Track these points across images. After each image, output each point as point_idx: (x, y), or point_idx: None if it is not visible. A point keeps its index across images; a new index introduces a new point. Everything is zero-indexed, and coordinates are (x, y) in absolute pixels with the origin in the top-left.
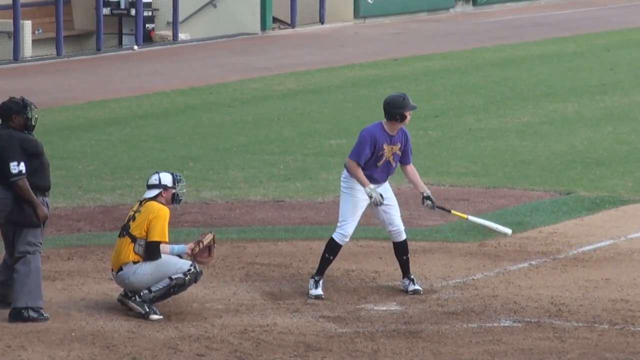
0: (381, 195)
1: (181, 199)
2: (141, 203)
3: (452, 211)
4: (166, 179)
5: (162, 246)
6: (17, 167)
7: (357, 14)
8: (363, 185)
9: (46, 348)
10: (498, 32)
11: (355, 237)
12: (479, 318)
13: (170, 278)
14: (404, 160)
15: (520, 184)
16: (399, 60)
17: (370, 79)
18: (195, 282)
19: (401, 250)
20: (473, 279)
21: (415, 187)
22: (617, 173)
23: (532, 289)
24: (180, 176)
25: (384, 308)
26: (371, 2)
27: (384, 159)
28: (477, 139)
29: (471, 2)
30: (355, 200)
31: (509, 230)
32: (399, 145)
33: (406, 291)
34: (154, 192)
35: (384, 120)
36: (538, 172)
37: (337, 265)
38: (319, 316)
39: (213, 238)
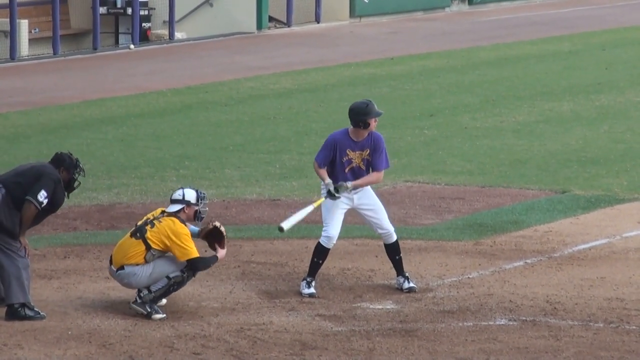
0: (337, 190)
1: (203, 217)
2: (163, 213)
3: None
4: (190, 195)
5: None
6: (44, 198)
7: (352, 13)
8: (322, 180)
9: (42, 346)
10: (494, 31)
11: (351, 235)
12: (475, 316)
13: (168, 277)
14: (373, 166)
15: (515, 182)
16: (395, 59)
17: (366, 78)
18: (194, 276)
19: (393, 251)
20: (469, 277)
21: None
22: (613, 172)
23: (528, 288)
24: (204, 193)
25: (380, 306)
26: (367, 1)
27: (352, 164)
28: (472, 137)
29: (467, 1)
30: (334, 203)
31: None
32: (368, 151)
33: (401, 289)
34: (176, 207)
35: (350, 127)
36: (534, 170)
37: (332, 264)
38: (314, 315)
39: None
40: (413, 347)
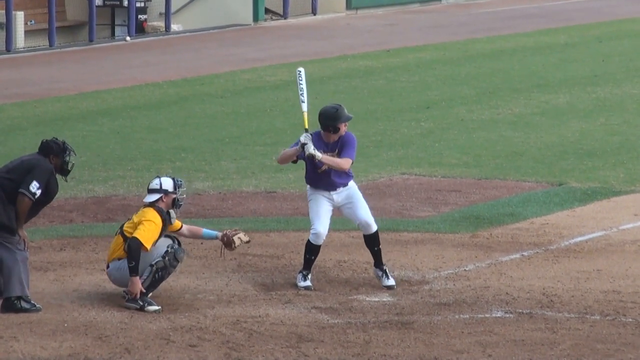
0: (309, 149)
1: (181, 204)
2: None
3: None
4: (167, 183)
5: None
6: (37, 189)
7: (349, 5)
8: (297, 143)
9: (38, 339)
10: (490, 23)
11: (346, 228)
12: (471, 309)
13: (150, 265)
14: (341, 156)
15: (512, 175)
16: (391, 52)
17: (363, 70)
18: (177, 260)
19: (370, 242)
20: (465, 270)
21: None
22: (609, 164)
23: (524, 280)
24: (181, 181)
25: (376, 299)
26: None
27: (324, 166)
28: (469, 130)
29: None
30: (317, 203)
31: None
32: (337, 151)
33: (380, 281)
34: (154, 197)
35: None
36: (530, 163)
37: (329, 256)
38: (311, 307)
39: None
40: (409, 340)
